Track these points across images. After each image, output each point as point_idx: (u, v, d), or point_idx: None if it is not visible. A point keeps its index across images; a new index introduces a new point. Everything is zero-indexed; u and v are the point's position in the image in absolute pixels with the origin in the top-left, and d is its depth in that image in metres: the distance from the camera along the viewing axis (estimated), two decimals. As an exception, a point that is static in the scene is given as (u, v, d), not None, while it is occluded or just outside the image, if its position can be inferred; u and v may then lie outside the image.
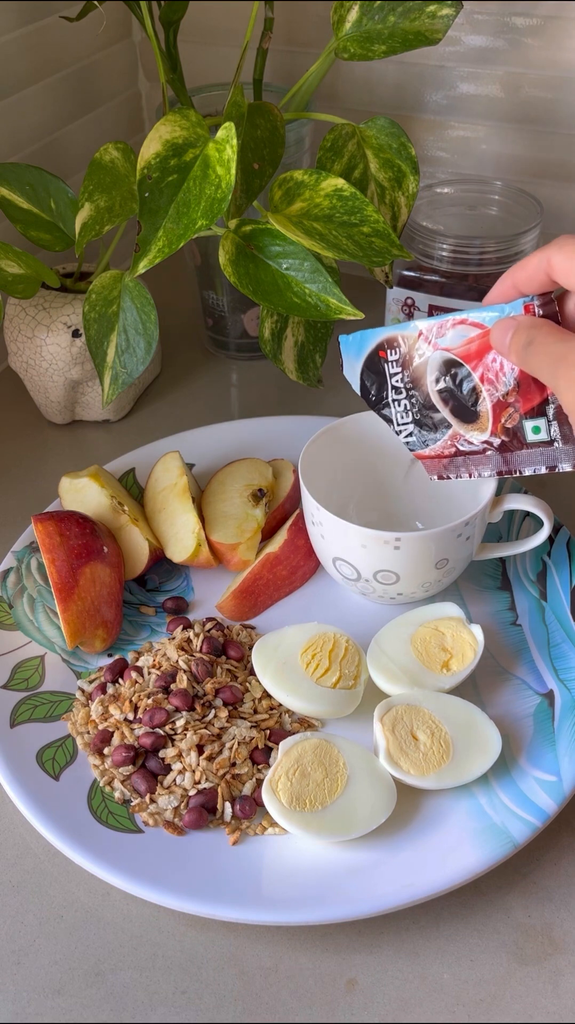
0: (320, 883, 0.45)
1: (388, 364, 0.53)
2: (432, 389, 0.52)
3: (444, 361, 0.51)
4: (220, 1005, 0.43)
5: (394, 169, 0.65)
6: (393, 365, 0.52)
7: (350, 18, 0.64)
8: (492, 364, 0.49)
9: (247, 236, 0.59)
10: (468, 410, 0.51)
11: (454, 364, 0.50)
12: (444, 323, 0.50)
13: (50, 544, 0.55)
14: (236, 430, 0.72)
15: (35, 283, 0.66)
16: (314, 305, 0.57)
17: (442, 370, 0.51)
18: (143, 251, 0.56)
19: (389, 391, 0.53)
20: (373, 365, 0.53)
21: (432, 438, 0.53)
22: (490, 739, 0.49)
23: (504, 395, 0.49)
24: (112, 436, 0.76)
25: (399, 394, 0.53)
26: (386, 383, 0.53)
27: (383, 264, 0.60)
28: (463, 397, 0.51)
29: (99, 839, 0.47)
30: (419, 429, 0.53)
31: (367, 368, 0.54)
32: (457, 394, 0.51)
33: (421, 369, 0.52)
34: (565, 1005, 0.43)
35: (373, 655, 0.53)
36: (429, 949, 0.45)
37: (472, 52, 0.79)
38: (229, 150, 0.54)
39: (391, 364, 0.52)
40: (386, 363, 0.53)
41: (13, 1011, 0.43)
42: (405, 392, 0.52)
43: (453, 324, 0.50)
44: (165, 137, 0.56)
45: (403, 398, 0.53)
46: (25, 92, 0.78)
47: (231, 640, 0.57)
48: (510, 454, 0.51)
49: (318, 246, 0.57)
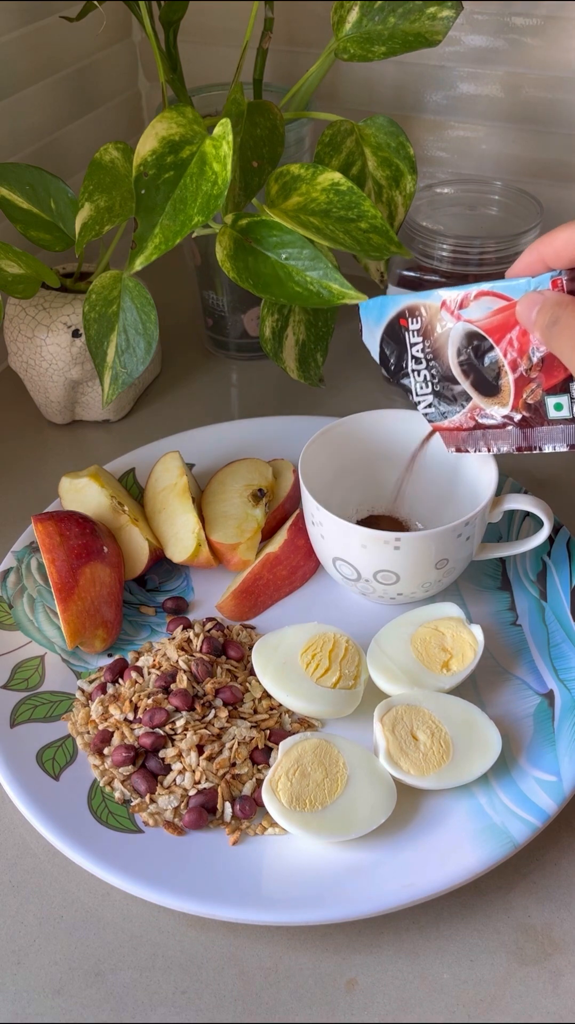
0: (320, 883, 0.45)
1: (409, 333, 0.51)
2: (453, 361, 0.50)
3: (467, 333, 0.49)
4: (220, 1005, 0.43)
5: (392, 168, 0.65)
6: (414, 335, 0.51)
7: (350, 19, 0.64)
8: (516, 338, 0.48)
9: (244, 230, 0.59)
10: (489, 383, 0.50)
11: (477, 336, 0.49)
12: (468, 294, 0.49)
13: (50, 544, 0.55)
14: (236, 430, 0.72)
15: (35, 283, 0.66)
16: (316, 292, 0.57)
17: (464, 342, 0.50)
18: (140, 248, 0.56)
19: (409, 360, 0.52)
20: (393, 333, 0.52)
21: (451, 410, 0.52)
22: (490, 739, 0.49)
23: (527, 370, 0.48)
24: (112, 436, 0.76)
25: (419, 364, 0.52)
26: (406, 352, 0.52)
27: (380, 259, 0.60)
28: (484, 370, 0.49)
29: (99, 839, 0.47)
30: (438, 400, 0.52)
31: (387, 335, 0.52)
32: (478, 367, 0.50)
33: (442, 340, 0.50)
34: (565, 1005, 0.43)
35: (373, 655, 0.53)
36: (429, 949, 0.45)
37: (472, 52, 0.79)
38: (225, 146, 0.54)
39: (412, 333, 0.51)
40: (407, 332, 0.51)
41: (13, 1011, 0.43)
42: (425, 362, 0.51)
43: (477, 295, 0.48)
44: (161, 134, 0.56)
45: (423, 368, 0.52)
46: (25, 92, 0.78)
47: (231, 640, 0.57)
48: (530, 430, 0.49)
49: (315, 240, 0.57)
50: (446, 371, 0.51)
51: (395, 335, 0.52)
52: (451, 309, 0.49)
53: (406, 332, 0.52)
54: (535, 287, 0.46)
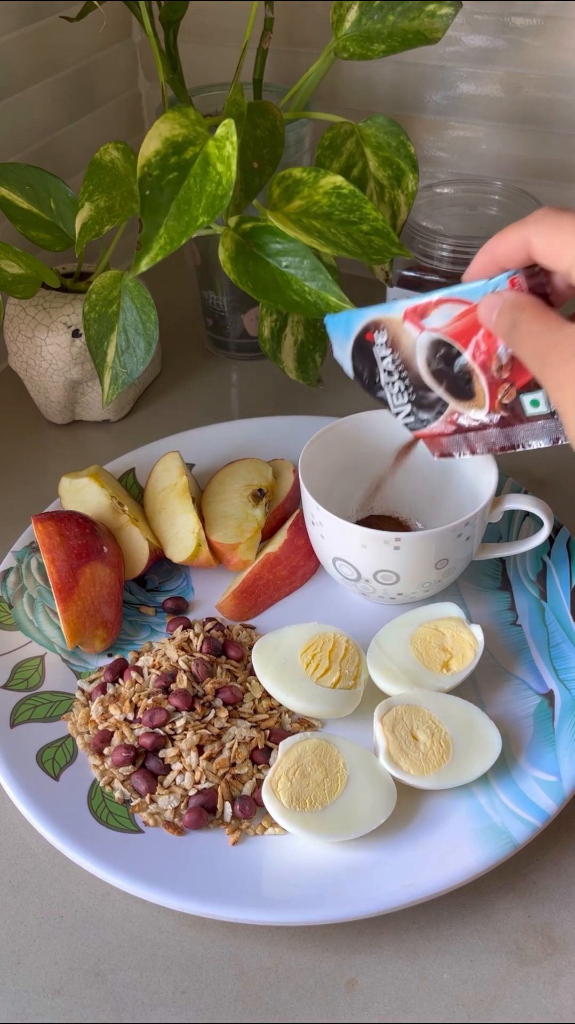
0: (320, 883, 0.45)
1: (376, 347, 0.51)
2: (424, 370, 0.50)
3: (433, 341, 0.49)
4: (220, 1005, 0.43)
5: (393, 167, 0.65)
6: (382, 348, 0.51)
7: (349, 18, 0.64)
8: (483, 340, 0.47)
9: (247, 234, 0.59)
10: (463, 388, 0.49)
11: (443, 344, 0.48)
12: (429, 302, 0.48)
13: (50, 544, 0.55)
14: (236, 430, 0.72)
15: (35, 283, 0.66)
16: (313, 303, 0.57)
17: (432, 351, 0.49)
18: (145, 249, 0.56)
19: (381, 374, 0.52)
20: (362, 348, 0.52)
21: (430, 417, 0.51)
22: (490, 739, 0.49)
23: (498, 371, 0.47)
24: (112, 436, 0.76)
25: (391, 376, 0.51)
26: (377, 366, 0.52)
27: (382, 262, 0.60)
28: (456, 376, 0.49)
29: (99, 839, 0.47)
30: (416, 409, 0.52)
31: (356, 351, 0.52)
32: (450, 373, 0.49)
33: (410, 350, 0.50)
34: (565, 1005, 0.43)
35: (373, 655, 0.53)
36: (429, 949, 0.45)
37: (472, 52, 0.79)
38: (229, 147, 0.54)
39: (379, 347, 0.51)
40: (374, 346, 0.51)
41: (13, 1011, 0.43)
42: (397, 374, 0.51)
43: (437, 303, 0.47)
44: (165, 135, 0.56)
45: (396, 379, 0.51)
46: (25, 92, 0.78)
47: (231, 640, 0.57)
48: (511, 429, 0.49)
49: (317, 243, 0.57)
50: (419, 380, 0.51)
51: (364, 350, 0.52)
52: (414, 320, 0.49)
53: (374, 347, 0.51)
54: (493, 288, 0.45)
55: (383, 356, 0.51)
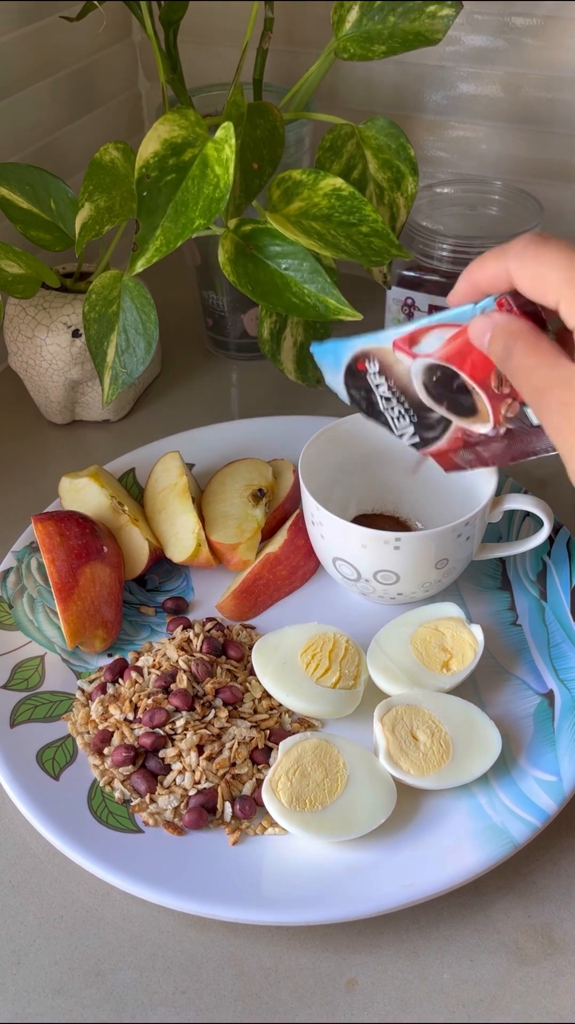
0: (320, 883, 0.45)
1: (370, 375, 0.50)
2: (423, 394, 0.49)
3: (428, 366, 0.48)
4: (220, 1005, 0.43)
5: (393, 170, 0.65)
6: (375, 376, 0.50)
7: (350, 18, 0.64)
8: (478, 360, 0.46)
9: (246, 236, 0.59)
10: (465, 406, 0.49)
11: (439, 367, 0.48)
12: (417, 331, 0.47)
13: (50, 544, 0.55)
14: (236, 430, 0.72)
15: (35, 283, 0.66)
16: (313, 305, 0.57)
17: (428, 375, 0.48)
18: (141, 250, 0.56)
19: (379, 399, 0.51)
20: (355, 377, 0.51)
21: (435, 435, 0.51)
22: (490, 739, 0.49)
23: (498, 386, 0.47)
24: (112, 436, 0.76)
25: (389, 402, 0.51)
26: (373, 392, 0.51)
27: (382, 264, 0.60)
28: (456, 396, 0.48)
29: (99, 839, 0.47)
30: (420, 429, 0.51)
31: (349, 379, 0.51)
32: (450, 394, 0.48)
33: (405, 377, 0.49)
34: (565, 1005, 0.43)
35: (373, 655, 0.53)
36: (429, 949, 0.45)
37: (472, 52, 0.78)
38: (228, 149, 0.54)
39: (372, 375, 0.50)
40: (367, 375, 0.50)
41: (13, 1011, 0.43)
42: (395, 399, 0.50)
43: (426, 329, 0.47)
44: (164, 136, 0.56)
45: (395, 404, 0.50)
46: (25, 92, 0.78)
47: (231, 640, 0.57)
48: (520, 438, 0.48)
49: (317, 245, 0.57)
50: (418, 403, 0.50)
51: (357, 378, 0.51)
52: (404, 348, 0.48)
53: (367, 375, 0.50)
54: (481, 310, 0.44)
55: (378, 384, 0.50)
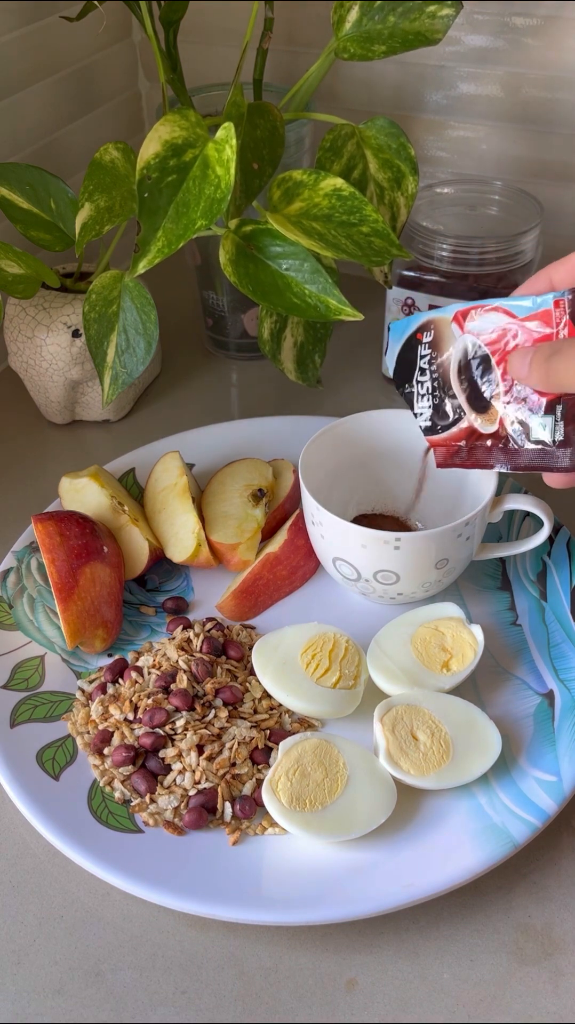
0: (320, 883, 0.45)
1: (422, 346, 0.53)
2: (454, 373, 0.51)
3: (469, 345, 0.50)
4: (220, 1005, 0.43)
5: (393, 169, 0.65)
6: (425, 347, 0.53)
7: (350, 18, 0.64)
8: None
9: (247, 236, 0.59)
10: (482, 398, 0.50)
11: (479, 350, 0.50)
12: (478, 308, 0.50)
13: (50, 544, 0.55)
14: (236, 430, 0.72)
15: (35, 283, 0.66)
16: (314, 306, 0.57)
17: (466, 354, 0.51)
18: (143, 251, 0.56)
19: (416, 371, 0.53)
20: (410, 347, 0.53)
21: (445, 424, 0.53)
22: (490, 739, 0.49)
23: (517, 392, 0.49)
24: (112, 436, 0.76)
25: (423, 375, 0.53)
26: (415, 365, 0.53)
27: (383, 264, 0.60)
28: (480, 385, 0.50)
29: (99, 839, 0.47)
30: (436, 414, 0.53)
31: (406, 349, 0.54)
32: (475, 381, 0.51)
33: (448, 352, 0.52)
34: (565, 1005, 0.43)
35: (373, 655, 0.53)
36: (429, 949, 0.45)
37: (472, 52, 0.79)
38: (228, 150, 0.54)
39: (424, 346, 0.53)
40: (420, 344, 0.53)
41: (13, 1011, 0.43)
42: (430, 372, 0.52)
43: (485, 309, 0.49)
44: (164, 137, 0.56)
45: (427, 380, 0.53)
46: (25, 92, 0.78)
47: (231, 640, 0.57)
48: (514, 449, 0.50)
49: (317, 246, 0.57)
50: (447, 382, 0.52)
51: (411, 349, 0.53)
52: (459, 321, 0.51)
53: (420, 345, 0.53)
54: (540, 305, 0.46)
55: (423, 355, 0.53)
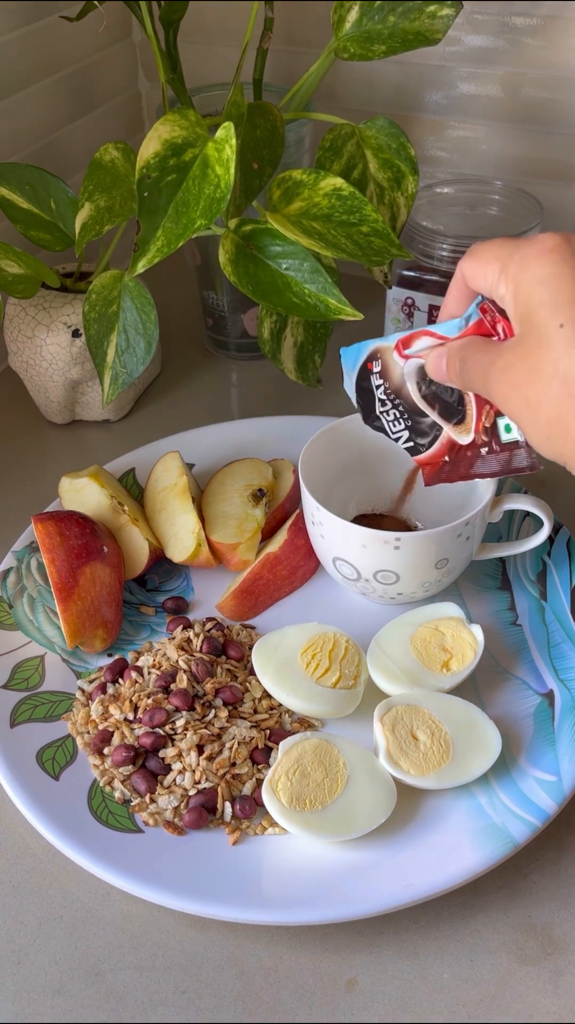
0: (320, 883, 0.45)
1: (373, 376, 0.52)
2: (416, 396, 0.51)
3: (419, 367, 0.50)
4: (220, 1005, 0.43)
5: (393, 169, 0.65)
6: (376, 377, 0.52)
7: (350, 18, 0.64)
8: None
9: (247, 236, 0.59)
10: (454, 408, 0.50)
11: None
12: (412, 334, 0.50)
13: (50, 544, 0.55)
14: (236, 430, 0.72)
15: (35, 283, 0.66)
16: (313, 305, 0.57)
17: (420, 375, 0.51)
18: (142, 251, 0.56)
19: (376, 403, 0.53)
20: (363, 378, 0.53)
21: (426, 443, 0.53)
22: (490, 739, 0.49)
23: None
24: (112, 436, 0.76)
25: (385, 405, 0.53)
26: (374, 396, 0.53)
27: (382, 263, 0.60)
28: (446, 396, 0.50)
29: (99, 839, 0.47)
30: (414, 435, 0.53)
31: (360, 381, 0.53)
32: (440, 395, 0.51)
33: (399, 379, 0.52)
34: (565, 1005, 0.43)
35: (373, 655, 0.53)
36: (429, 949, 0.45)
37: (472, 52, 0.78)
38: (228, 150, 0.54)
39: (375, 376, 0.52)
40: (372, 375, 0.52)
41: (13, 1011, 0.43)
42: (390, 403, 0.52)
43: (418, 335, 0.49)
44: (164, 137, 0.56)
45: (390, 408, 0.53)
46: (25, 92, 0.78)
47: (231, 640, 0.57)
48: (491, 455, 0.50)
49: (317, 245, 0.57)
50: (413, 407, 0.52)
51: (364, 380, 0.53)
52: (399, 350, 0.50)
53: (371, 375, 0.52)
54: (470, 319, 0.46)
55: (378, 385, 0.52)
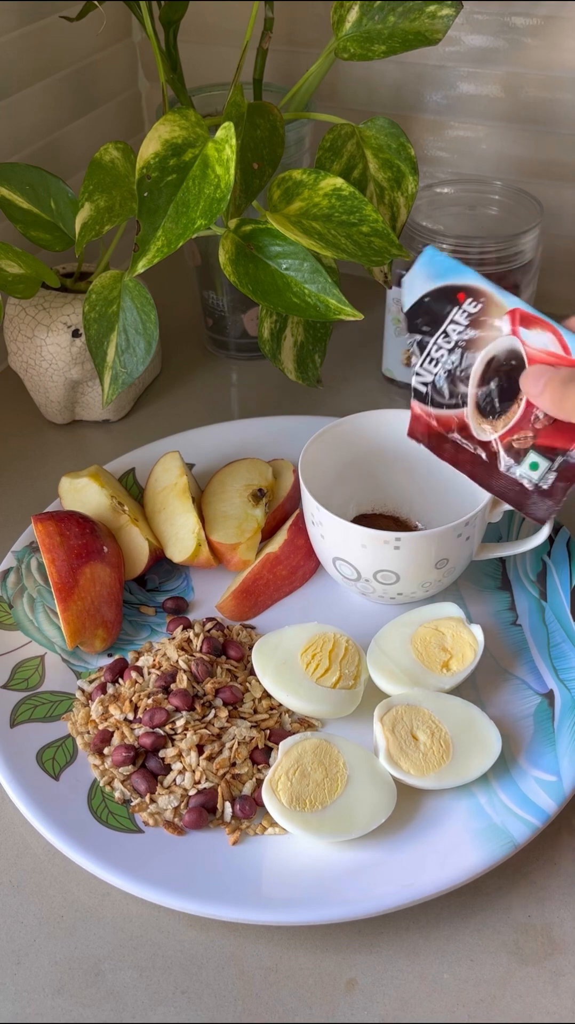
0: (320, 883, 0.45)
1: (459, 310, 0.47)
2: (479, 364, 0.47)
3: (512, 350, 0.46)
4: (220, 1005, 0.43)
5: (393, 169, 0.65)
6: (462, 315, 0.47)
7: (350, 18, 0.64)
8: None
9: (247, 236, 0.59)
10: (494, 406, 0.47)
11: (516, 358, 0.47)
12: (539, 319, 0.46)
13: (50, 544, 0.55)
14: (236, 430, 0.72)
15: (35, 283, 0.66)
16: (313, 305, 0.57)
17: (504, 356, 0.47)
18: (142, 251, 0.56)
19: (439, 333, 0.48)
20: (443, 297, 0.48)
21: (442, 401, 0.49)
22: (490, 739, 0.49)
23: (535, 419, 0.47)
24: (112, 436, 0.76)
25: (447, 340, 0.48)
26: (442, 323, 0.48)
27: (382, 263, 0.60)
28: (501, 392, 0.47)
29: (99, 839, 0.47)
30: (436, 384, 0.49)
31: (436, 296, 0.48)
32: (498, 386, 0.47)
33: (485, 340, 0.47)
34: (565, 1005, 0.43)
35: (373, 655, 0.53)
36: (429, 949, 0.45)
37: (472, 52, 0.78)
38: (228, 150, 0.54)
39: (462, 312, 0.47)
40: (457, 307, 0.47)
41: (13, 1011, 0.43)
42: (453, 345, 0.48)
43: (545, 326, 0.46)
44: (164, 137, 0.56)
45: (446, 349, 0.48)
46: (25, 92, 0.78)
47: (231, 640, 0.57)
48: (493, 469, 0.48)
49: (317, 245, 0.57)
50: (465, 368, 0.48)
51: (444, 300, 0.48)
52: (514, 320, 0.46)
53: (457, 307, 0.48)
54: None
55: (457, 321, 0.48)
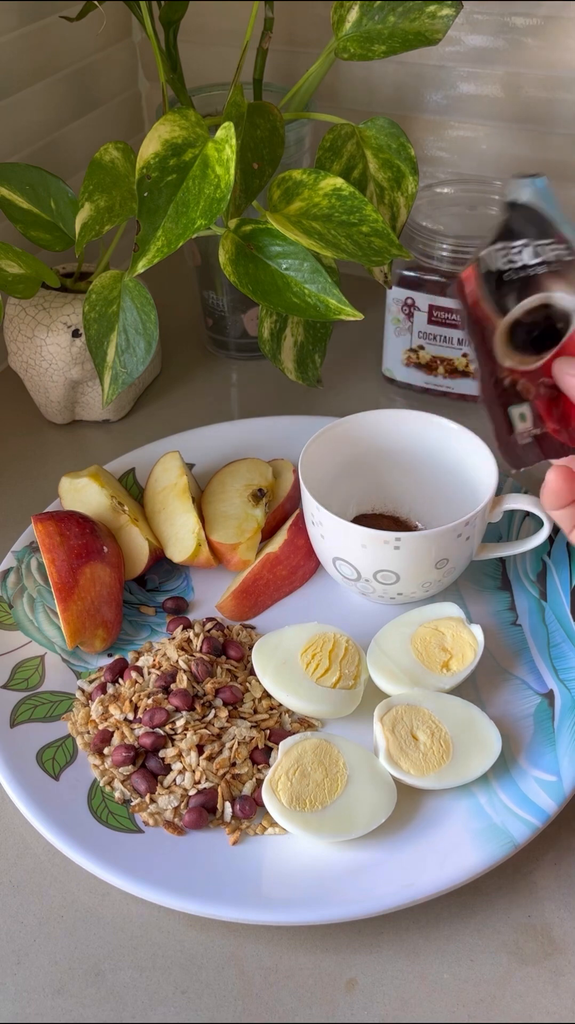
0: (320, 883, 0.45)
1: (554, 245, 0.46)
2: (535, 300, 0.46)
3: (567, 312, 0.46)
4: (220, 1005, 0.43)
5: (393, 169, 0.65)
6: (553, 252, 0.46)
7: (350, 18, 0.64)
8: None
9: (247, 236, 0.59)
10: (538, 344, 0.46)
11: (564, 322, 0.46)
12: None
13: (50, 544, 0.55)
14: (236, 430, 0.72)
15: (35, 283, 0.66)
16: (313, 305, 0.57)
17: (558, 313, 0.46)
18: (142, 251, 0.56)
19: (533, 242, 0.46)
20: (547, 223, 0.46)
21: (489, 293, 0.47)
22: (490, 739, 0.49)
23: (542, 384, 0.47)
24: (112, 436, 0.76)
25: (531, 255, 0.46)
26: (540, 238, 0.46)
27: (382, 263, 0.60)
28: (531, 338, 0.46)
29: (99, 839, 0.47)
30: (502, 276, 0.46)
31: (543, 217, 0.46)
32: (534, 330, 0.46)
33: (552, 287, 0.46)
34: (565, 1005, 0.43)
35: (373, 655, 0.53)
36: (429, 949, 0.45)
37: (472, 52, 0.78)
38: (228, 150, 0.54)
39: (552, 249, 0.46)
40: (553, 242, 0.46)
41: (13, 1011, 0.43)
42: (536, 263, 0.46)
43: None
44: (164, 137, 0.56)
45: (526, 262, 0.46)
46: (25, 92, 0.78)
47: (231, 640, 0.57)
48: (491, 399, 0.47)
49: (317, 245, 0.57)
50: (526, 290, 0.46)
51: (547, 225, 0.46)
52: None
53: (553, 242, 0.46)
54: None
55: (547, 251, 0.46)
